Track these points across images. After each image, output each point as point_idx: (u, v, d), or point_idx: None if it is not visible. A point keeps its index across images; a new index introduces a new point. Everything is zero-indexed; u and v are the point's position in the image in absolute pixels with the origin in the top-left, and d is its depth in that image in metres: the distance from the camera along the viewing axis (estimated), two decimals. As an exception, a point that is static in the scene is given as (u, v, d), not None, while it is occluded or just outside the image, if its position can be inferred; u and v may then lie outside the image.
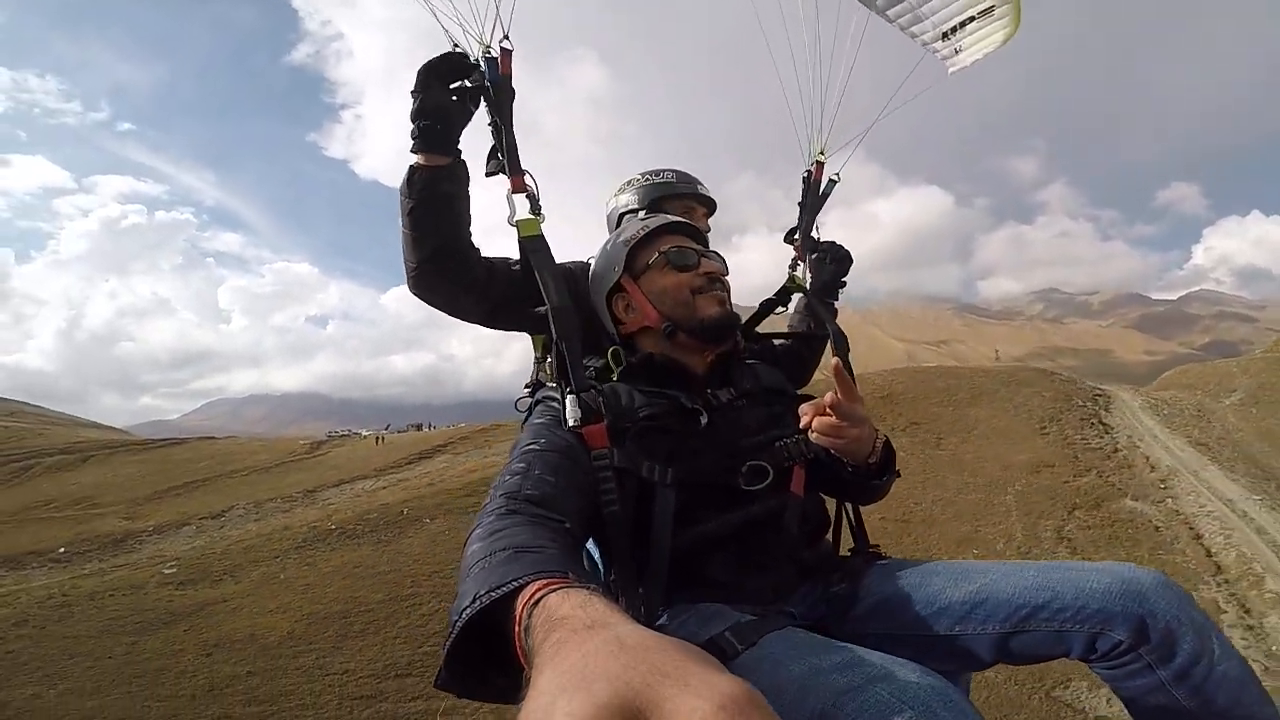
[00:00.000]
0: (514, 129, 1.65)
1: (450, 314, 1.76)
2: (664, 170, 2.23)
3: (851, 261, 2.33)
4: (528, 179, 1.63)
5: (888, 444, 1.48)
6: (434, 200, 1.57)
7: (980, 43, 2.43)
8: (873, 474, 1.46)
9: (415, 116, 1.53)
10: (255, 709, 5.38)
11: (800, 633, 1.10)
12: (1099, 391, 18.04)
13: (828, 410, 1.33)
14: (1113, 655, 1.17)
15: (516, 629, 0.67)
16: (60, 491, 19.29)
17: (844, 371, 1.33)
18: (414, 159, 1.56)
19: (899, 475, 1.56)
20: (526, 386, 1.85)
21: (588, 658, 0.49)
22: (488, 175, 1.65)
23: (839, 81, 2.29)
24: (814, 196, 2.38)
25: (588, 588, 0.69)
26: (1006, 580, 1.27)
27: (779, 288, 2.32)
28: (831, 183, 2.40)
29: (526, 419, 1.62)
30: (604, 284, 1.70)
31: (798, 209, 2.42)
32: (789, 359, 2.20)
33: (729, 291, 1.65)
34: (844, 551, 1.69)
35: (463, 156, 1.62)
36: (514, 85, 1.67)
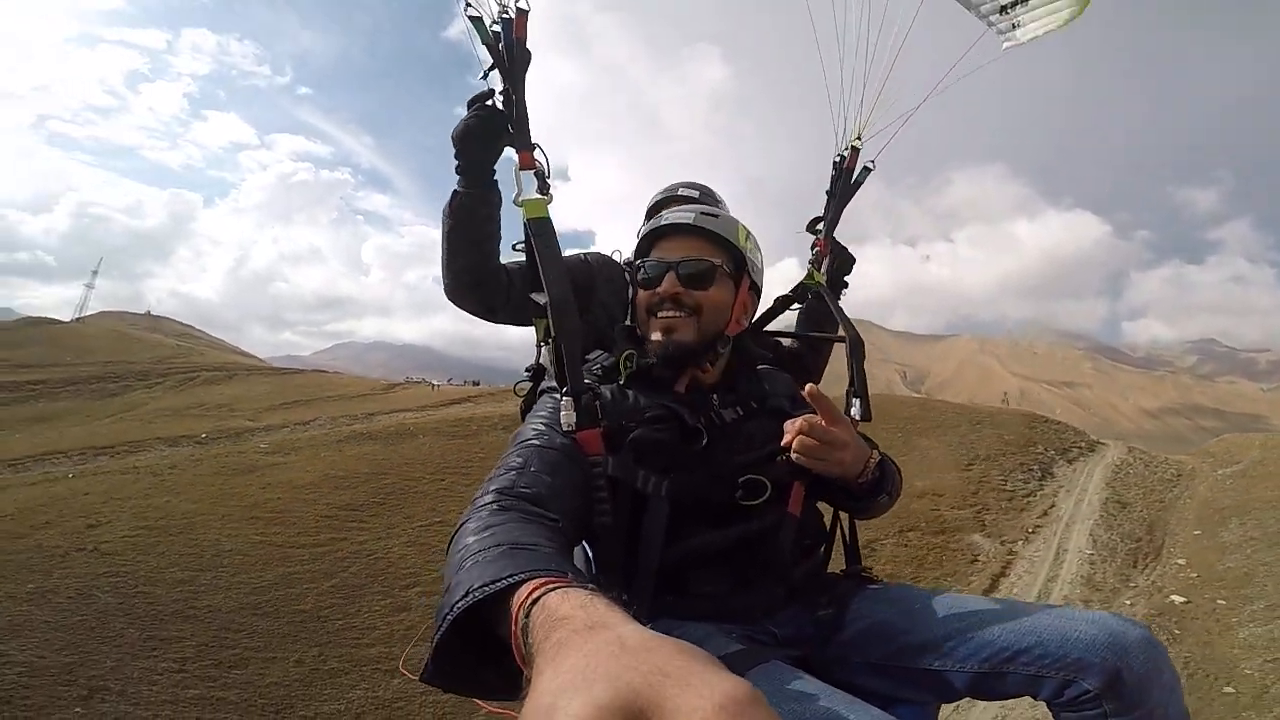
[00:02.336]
0: (525, 99, 1.59)
1: (480, 317, 1.90)
2: (676, 184, 2.24)
3: (854, 263, 2.25)
4: (538, 154, 1.59)
5: (882, 464, 1.47)
6: (467, 222, 1.68)
7: (1041, 20, 2.29)
8: (863, 493, 1.46)
9: (457, 140, 1.63)
10: (275, 510, 10.74)
11: (785, 671, 1.09)
12: (1095, 443, 18.07)
13: (804, 431, 1.33)
14: (1078, 701, 1.17)
15: (513, 628, 0.66)
16: (209, 398, 25.94)
17: (821, 394, 1.33)
18: (456, 186, 1.65)
19: (893, 496, 1.53)
20: (527, 370, 1.83)
21: (589, 658, 0.49)
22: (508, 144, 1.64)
23: (885, 60, 2.07)
24: (845, 185, 2.23)
25: (587, 588, 0.68)
26: (995, 621, 1.26)
27: (796, 284, 2.21)
28: (866, 170, 2.24)
29: (527, 408, 1.72)
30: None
31: (825, 197, 2.26)
32: (793, 362, 2.14)
33: (699, 311, 1.53)
34: (836, 567, 1.66)
35: (497, 185, 1.69)
36: (529, 49, 1.61)
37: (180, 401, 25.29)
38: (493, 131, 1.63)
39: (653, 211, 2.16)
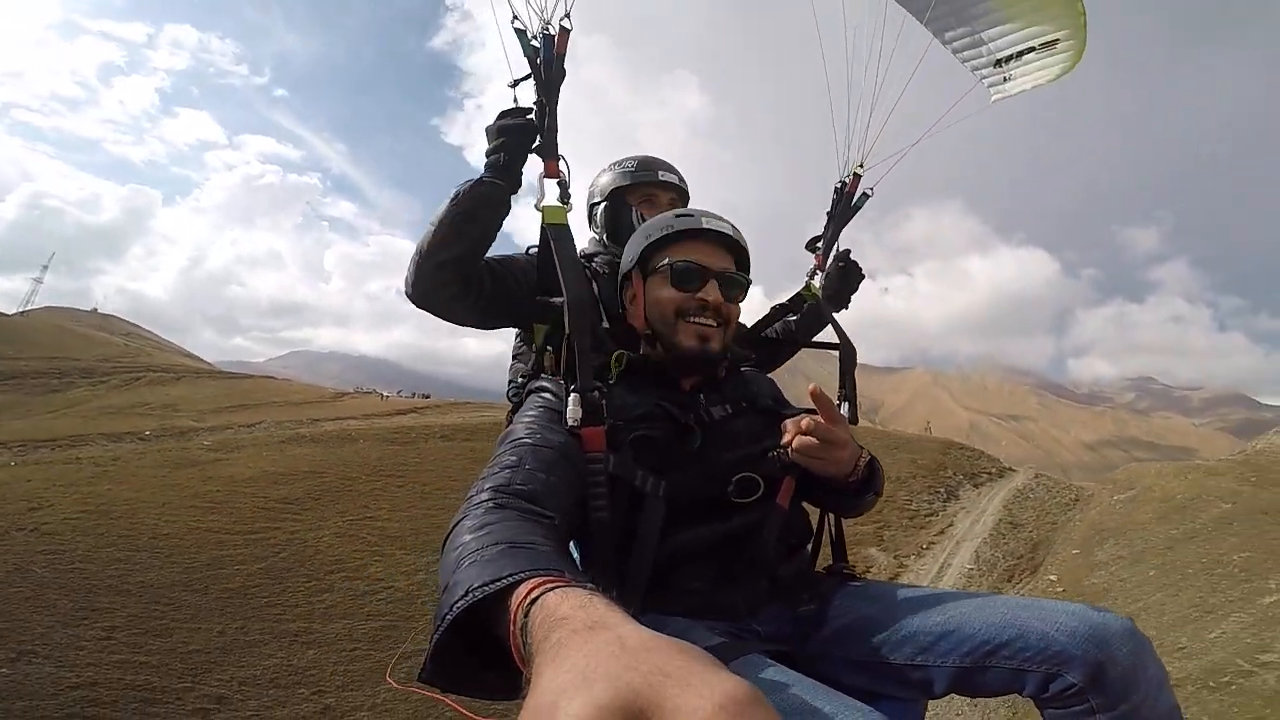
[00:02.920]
0: (558, 111, 1.65)
1: (444, 317, 1.78)
2: (629, 159, 2.20)
3: (862, 279, 2.36)
4: (561, 165, 1.64)
5: (871, 463, 1.49)
6: (481, 212, 1.64)
7: (1032, 74, 2.39)
8: (852, 491, 1.48)
9: (493, 137, 1.66)
10: (214, 501, 11.52)
11: (764, 663, 1.10)
12: (1005, 470, 19.07)
13: (807, 431, 1.35)
14: (1063, 696, 1.15)
15: (512, 627, 0.66)
16: (155, 398, 26.15)
17: (824, 395, 1.34)
18: (484, 174, 1.65)
19: (878, 494, 1.56)
20: (523, 377, 1.83)
21: (589, 658, 0.49)
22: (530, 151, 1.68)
23: (889, 98, 2.20)
24: (845, 207, 2.36)
25: (586, 587, 0.68)
26: (975, 614, 1.25)
27: (793, 294, 2.33)
28: (865, 196, 2.37)
29: (515, 409, 1.70)
30: (622, 269, 1.70)
31: (825, 218, 2.40)
32: (762, 354, 2.24)
33: (728, 323, 1.59)
34: (821, 565, 1.67)
35: (518, 190, 1.69)
36: (565, 66, 1.65)
37: (124, 400, 25.44)
38: (530, 135, 1.66)
39: (615, 197, 2.19)
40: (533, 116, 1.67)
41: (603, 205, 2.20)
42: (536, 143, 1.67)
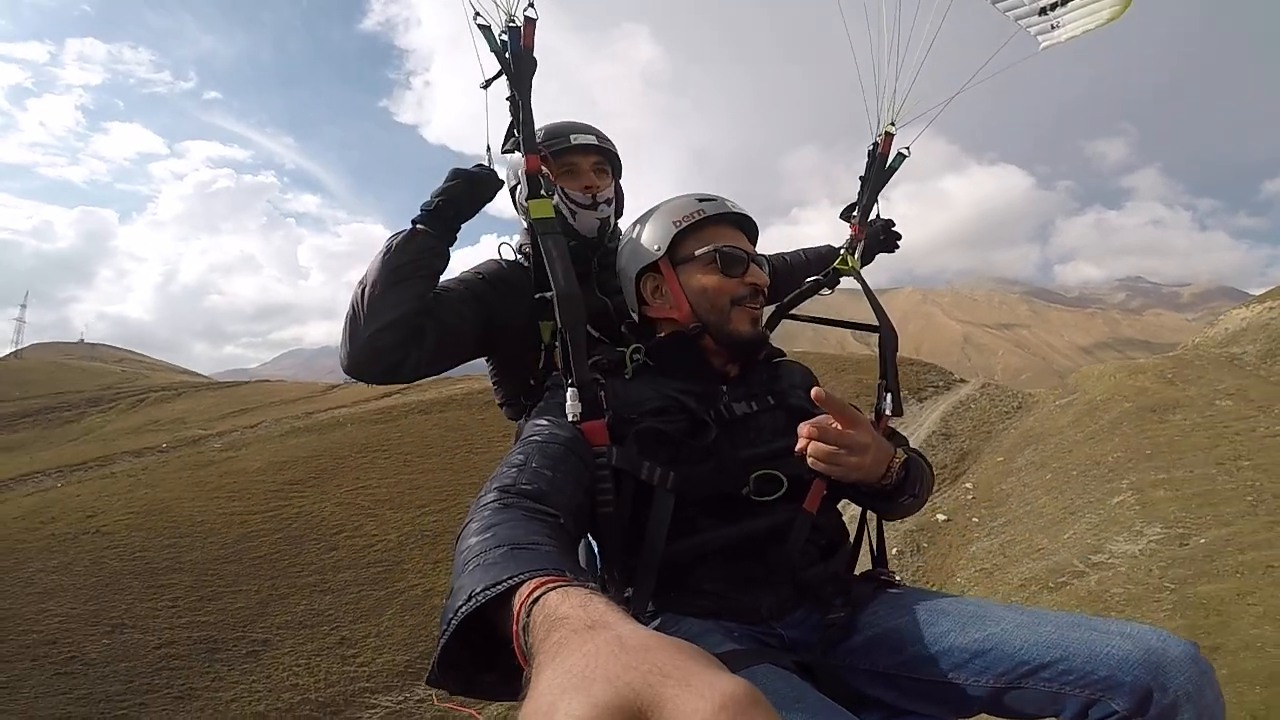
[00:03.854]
0: (531, 105, 1.58)
1: (386, 382, 1.67)
2: (555, 123, 1.95)
3: (899, 241, 2.30)
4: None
5: (908, 463, 1.39)
6: (417, 268, 1.56)
7: (1083, 19, 2.25)
8: (884, 495, 1.39)
9: (434, 194, 1.58)
10: (233, 491, 14.08)
11: (775, 676, 1.09)
12: (953, 382, 19.40)
13: (819, 436, 1.25)
14: None
15: (514, 628, 0.67)
16: (163, 415, 28.26)
17: (833, 398, 1.25)
18: (417, 226, 1.57)
19: (920, 496, 1.46)
20: (533, 379, 1.80)
21: (588, 658, 0.49)
22: (504, 152, 1.66)
23: (919, 48, 2.07)
24: (880, 171, 2.19)
25: (587, 587, 0.68)
26: (1019, 632, 1.18)
27: (829, 269, 2.14)
28: (901, 157, 2.21)
29: (532, 407, 1.62)
30: (638, 260, 1.60)
31: (859, 183, 2.21)
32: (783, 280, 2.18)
33: (766, 303, 1.58)
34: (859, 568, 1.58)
35: (452, 247, 1.63)
36: (535, 57, 1.58)
37: (136, 421, 27.66)
38: (483, 185, 1.60)
39: (552, 158, 1.85)
40: (486, 171, 1.62)
41: (520, 187, 1.84)
42: (487, 199, 1.62)
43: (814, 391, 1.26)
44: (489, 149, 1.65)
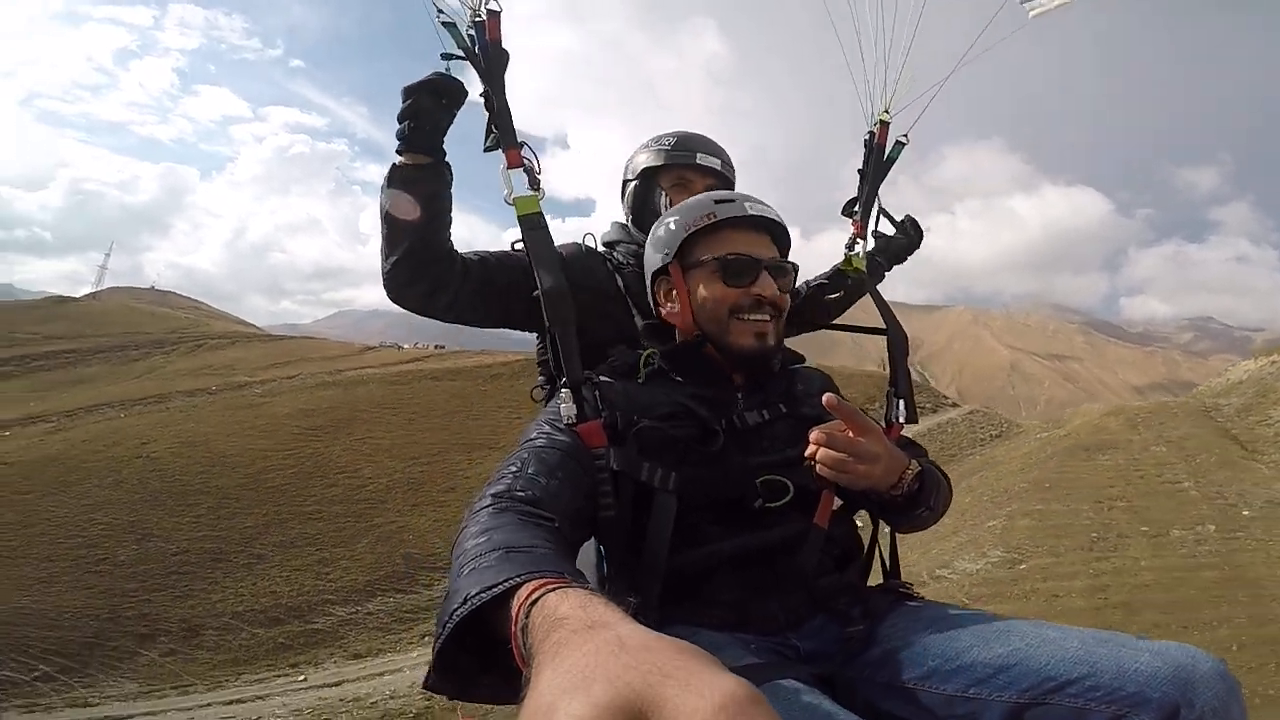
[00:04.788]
0: (506, 98, 1.55)
1: (426, 315, 1.69)
2: (665, 135, 1.94)
3: (922, 239, 2.19)
4: (525, 152, 1.54)
5: (922, 474, 1.33)
6: (408, 198, 1.52)
7: None
8: (896, 507, 1.35)
9: (400, 119, 1.49)
10: (263, 431, 16.62)
11: (795, 691, 1.05)
12: (941, 404, 20.50)
13: (827, 443, 1.22)
14: None
15: (513, 629, 0.66)
16: (216, 360, 31.20)
17: (842, 403, 1.23)
18: (398, 159, 1.53)
19: (936, 509, 1.41)
20: (541, 375, 1.80)
21: (588, 658, 0.49)
22: (486, 150, 1.58)
23: (907, 31, 2.01)
24: (878, 162, 2.09)
25: (586, 588, 0.68)
26: (1044, 647, 1.13)
27: (832, 270, 2.09)
28: (899, 145, 2.10)
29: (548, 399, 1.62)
30: (651, 262, 1.54)
31: (858, 176, 2.12)
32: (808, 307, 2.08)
33: (781, 315, 1.45)
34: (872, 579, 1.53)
35: (446, 159, 1.55)
36: (505, 48, 1.56)
37: (192, 364, 30.77)
38: (446, 92, 1.49)
39: (646, 176, 1.89)
40: (445, 75, 1.50)
41: (633, 184, 1.91)
42: (457, 104, 1.51)
43: (825, 397, 1.23)
44: (448, 67, 1.54)
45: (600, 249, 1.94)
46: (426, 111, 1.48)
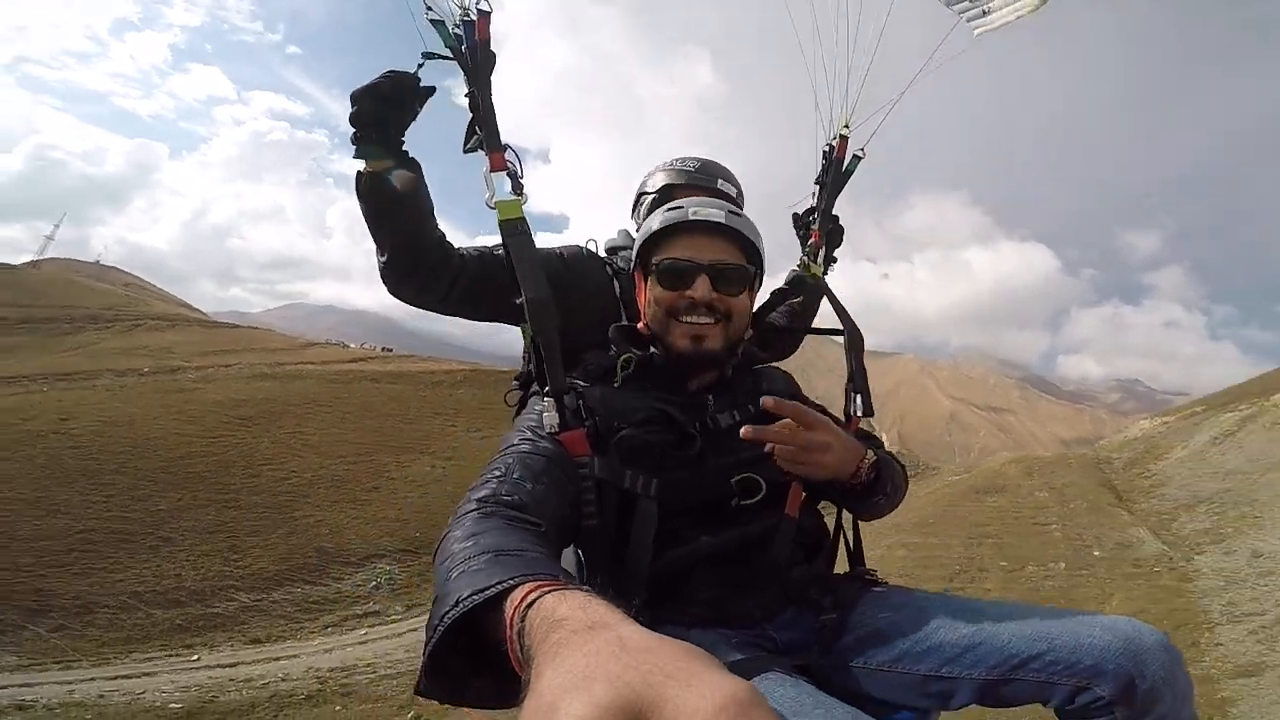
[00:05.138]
0: (492, 100, 1.53)
1: (424, 308, 1.72)
2: (691, 159, 2.01)
3: (843, 235, 2.24)
4: (508, 155, 1.52)
5: (879, 463, 1.40)
6: (382, 203, 1.53)
7: (1012, 5, 2.30)
8: (855, 495, 1.42)
9: (350, 123, 1.49)
10: (191, 417, 16.62)
11: (784, 682, 1.10)
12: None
13: (780, 439, 1.27)
14: (1089, 709, 1.14)
15: (508, 632, 0.66)
16: (152, 342, 30.31)
17: (785, 404, 1.27)
18: (359, 165, 1.53)
19: (892, 496, 1.47)
20: (515, 379, 1.80)
21: (589, 658, 0.50)
22: (466, 151, 1.56)
23: (866, 48, 2.07)
24: (836, 174, 2.17)
25: (583, 589, 0.68)
26: (1006, 625, 1.22)
27: (793, 277, 2.15)
28: (856, 159, 2.19)
29: (516, 414, 1.62)
30: (629, 266, 1.62)
31: (815, 187, 2.20)
32: (781, 338, 2.15)
33: (730, 318, 1.47)
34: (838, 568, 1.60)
35: (409, 156, 1.55)
36: (493, 50, 1.55)
37: (127, 343, 29.91)
38: (395, 93, 1.49)
39: (665, 193, 1.92)
40: (390, 76, 1.50)
41: (651, 198, 1.96)
42: (410, 102, 1.52)
43: (763, 400, 1.27)
44: (419, 68, 1.54)
45: (601, 254, 2.00)
46: (375, 117, 1.49)
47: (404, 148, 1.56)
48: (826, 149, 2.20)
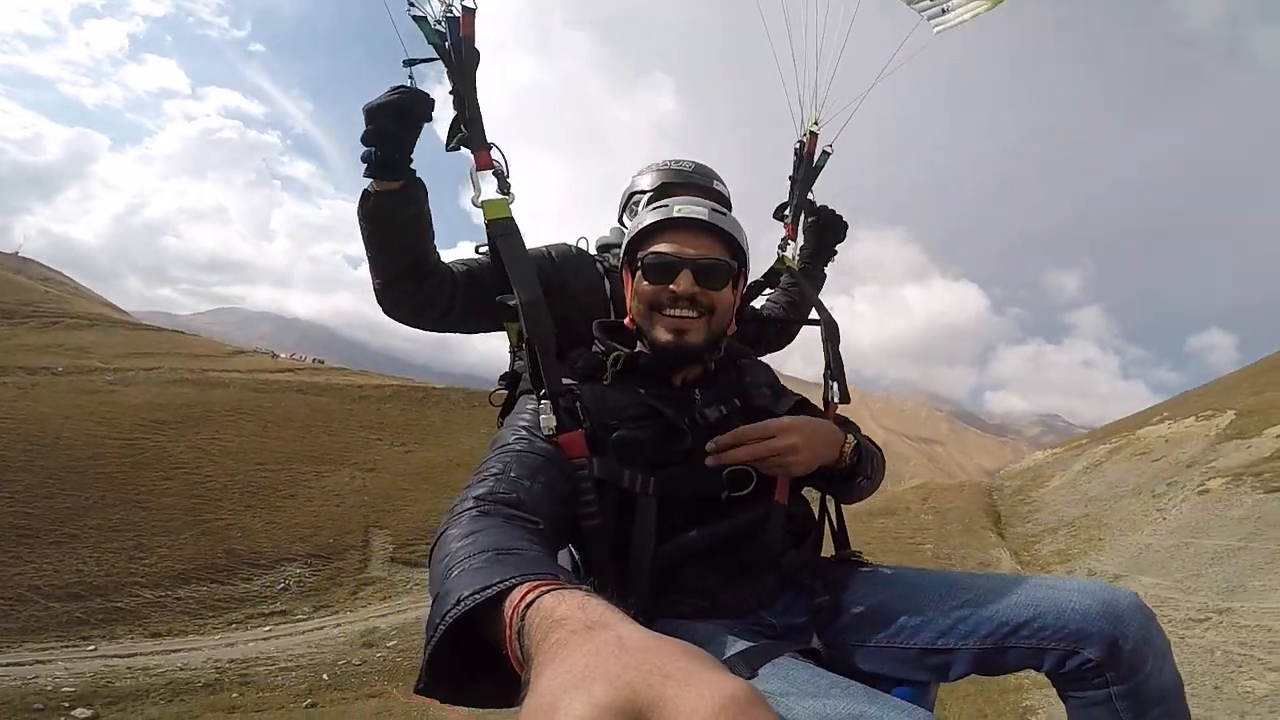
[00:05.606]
0: (477, 97, 1.53)
1: (419, 329, 1.72)
2: (685, 160, 2.07)
3: (846, 229, 2.26)
4: (494, 153, 1.53)
5: (859, 447, 1.47)
6: (388, 224, 1.51)
7: (970, 3, 2.39)
8: (839, 479, 1.49)
9: (364, 142, 1.45)
10: (105, 419, 16.60)
11: (799, 666, 1.11)
12: None
13: (752, 454, 1.33)
14: (1080, 672, 1.18)
15: (508, 631, 0.67)
16: (69, 341, 29.07)
17: (733, 436, 1.35)
18: (367, 184, 1.50)
19: (873, 478, 1.55)
20: (501, 379, 1.79)
21: (588, 658, 0.50)
22: (449, 150, 1.55)
23: (834, 46, 2.14)
24: (807, 169, 2.25)
25: (581, 589, 0.68)
26: (991, 596, 1.26)
27: (767, 269, 2.19)
28: (825, 155, 2.27)
29: (503, 414, 1.65)
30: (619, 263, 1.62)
31: (788, 183, 2.27)
32: (774, 329, 2.18)
33: (713, 312, 1.48)
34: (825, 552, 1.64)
35: (418, 175, 1.52)
36: (478, 47, 1.54)
37: (41, 341, 28.79)
38: (411, 112, 1.44)
39: (661, 192, 1.95)
40: (409, 93, 1.45)
41: (646, 197, 1.97)
42: (421, 121, 1.47)
43: (708, 446, 1.35)
44: (411, 77, 1.50)
45: (592, 252, 2.03)
46: (391, 136, 1.44)
47: (412, 166, 1.52)
48: (798, 145, 2.27)
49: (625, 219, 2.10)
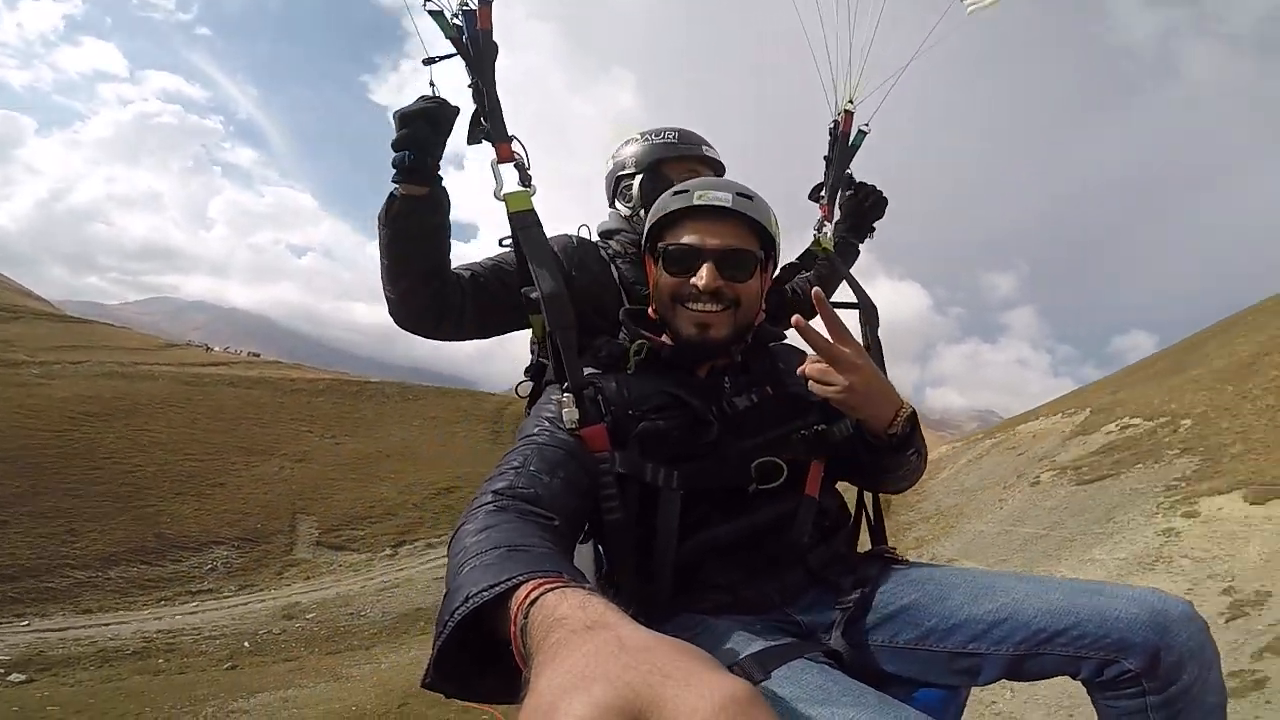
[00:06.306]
0: (497, 90, 1.53)
1: (432, 338, 1.70)
2: (666, 130, 1.97)
3: (887, 205, 2.24)
4: (515, 146, 1.52)
5: (913, 416, 1.35)
6: (415, 231, 1.51)
7: None
8: (891, 446, 1.33)
9: (396, 147, 1.44)
10: (33, 411, 17.04)
11: (812, 670, 1.08)
12: None
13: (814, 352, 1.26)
14: (1117, 681, 1.14)
15: (512, 629, 0.67)
16: None
17: (824, 301, 1.25)
18: (394, 188, 1.48)
19: (920, 454, 1.41)
20: (526, 371, 1.77)
21: (588, 658, 0.50)
22: (470, 143, 1.56)
23: (869, 23, 2.11)
24: (842, 149, 2.22)
25: (585, 587, 0.69)
26: (1029, 600, 1.21)
27: (803, 250, 2.18)
28: (861, 133, 2.24)
29: (530, 405, 1.62)
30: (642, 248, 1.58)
31: (824, 163, 2.25)
32: (798, 307, 2.03)
33: (739, 304, 1.42)
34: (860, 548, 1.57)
35: (444, 184, 1.52)
36: (496, 40, 1.54)
37: (-44, 336, 28.65)
38: (439, 121, 1.46)
39: (654, 169, 1.88)
40: (441, 100, 1.46)
41: (639, 178, 1.89)
42: (450, 130, 1.48)
43: (814, 291, 1.25)
44: (432, 83, 1.49)
45: (594, 239, 1.98)
46: (425, 141, 1.44)
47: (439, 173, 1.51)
48: (832, 125, 2.24)
49: (619, 203, 1.99)
